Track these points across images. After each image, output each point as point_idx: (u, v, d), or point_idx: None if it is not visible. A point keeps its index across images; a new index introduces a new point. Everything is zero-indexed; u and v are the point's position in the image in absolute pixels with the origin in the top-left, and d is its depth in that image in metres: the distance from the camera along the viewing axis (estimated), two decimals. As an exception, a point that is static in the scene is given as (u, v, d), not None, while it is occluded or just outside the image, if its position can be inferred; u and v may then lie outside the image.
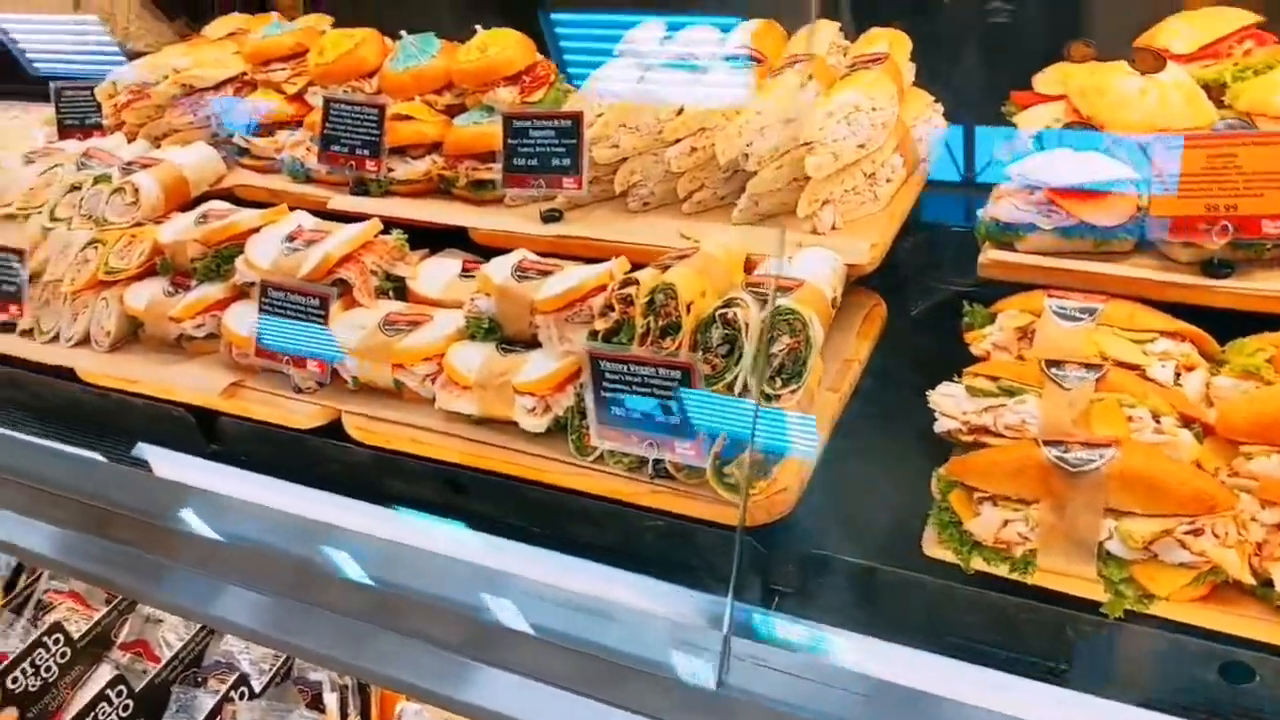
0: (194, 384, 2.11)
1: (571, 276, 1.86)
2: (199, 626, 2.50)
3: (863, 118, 1.89)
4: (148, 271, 2.32)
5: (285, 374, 2.07)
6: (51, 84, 2.97)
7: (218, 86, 2.69)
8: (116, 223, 2.41)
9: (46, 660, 2.37)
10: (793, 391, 1.55)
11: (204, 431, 2.13)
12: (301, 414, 2.00)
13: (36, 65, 4.46)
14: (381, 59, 2.52)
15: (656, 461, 1.64)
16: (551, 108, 2.30)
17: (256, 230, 2.23)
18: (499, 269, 1.94)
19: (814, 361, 1.57)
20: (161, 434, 2.17)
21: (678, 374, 1.54)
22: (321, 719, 2.10)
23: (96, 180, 2.48)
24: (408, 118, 2.39)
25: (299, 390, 2.06)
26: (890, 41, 2.11)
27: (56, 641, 2.40)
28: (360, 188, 2.44)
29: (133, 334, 2.32)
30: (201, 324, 2.19)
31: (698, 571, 1.56)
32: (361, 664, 1.89)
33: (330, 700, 2.12)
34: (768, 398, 1.56)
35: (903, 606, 1.44)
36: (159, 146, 2.72)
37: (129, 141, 2.75)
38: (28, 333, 2.39)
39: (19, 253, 2.38)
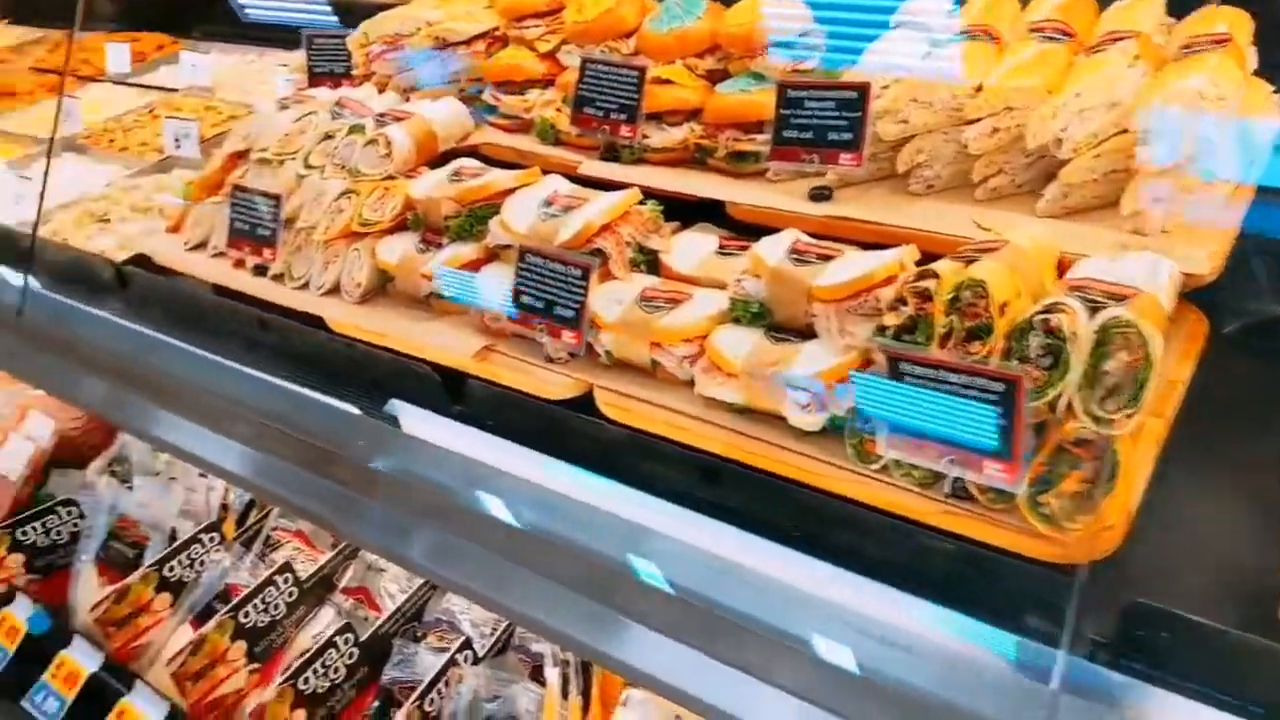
0: (445, 344, 2.08)
1: (857, 264, 1.71)
2: (422, 581, 2.51)
3: (1207, 107, 1.66)
4: (399, 225, 2.31)
5: (537, 341, 2.01)
6: (303, 31, 3.01)
7: (469, 41, 2.65)
8: (369, 174, 2.40)
9: (276, 598, 2.42)
10: (1128, 416, 1.37)
11: (449, 392, 2.10)
12: (554, 384, 1.93)
13: (247, 11, 4.61)
14: (640, 18, 2.42)
15: (955, 479, 1.49)
16: (822, 78, 2.15)
17: (511, 191, 2.18)
18: (772, 250, 1.81)
19: (1153, 384, 1.38)
20: (404, 389, 2.15)
21: (999, 385, 1.38)
22: (543, 693, 2.06)
23: (350, 130, 2.48)
24: (668, 82, 2.28)
25: (550, 360, 2.00)
26: (1230, 23, 1.85)
27: (286, 580, 2.46)
28: (611, 153, 2.36)
29: (381, 287, 2.31)
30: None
31: (990, 606, 1.40)
32: (601, 648, 1.83)
33: (551, 675, 2.08)
34: (1097, 421, 1.38)
35: (1252, 676, 1.25)
36: (407, 99, 2.71)
37: (379, 92, 2.75)
38: (278, 277, 2.43)
39: (276, 198, 2.41)
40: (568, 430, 1.94)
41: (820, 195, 2.04)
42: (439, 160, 2.48)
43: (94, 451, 3.18)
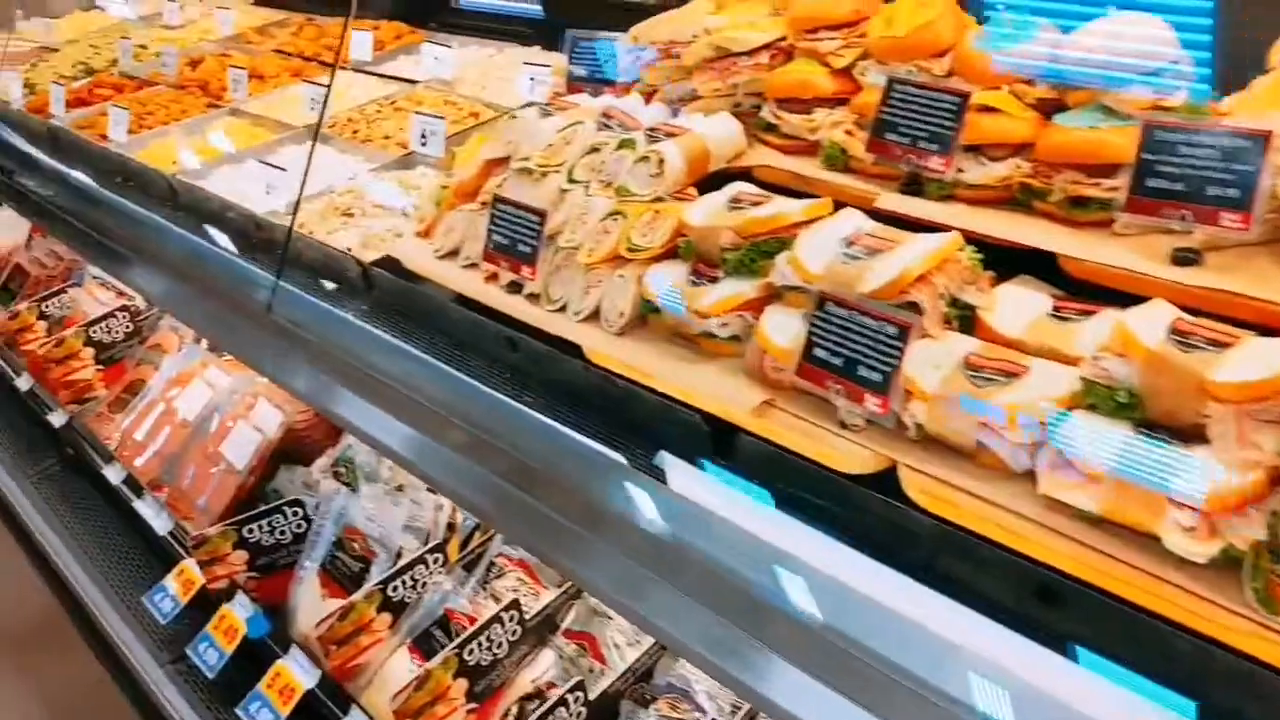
0: (720, 392, 1.86)
1: (1265, 356, 1.38)
2: (654, 641, 2.32)
3: None
4: (668, 253, 2.11)
5: (829, 402, 1.76)
6: (567, 32, 2.87)
7: (752, 52, 2.42)
8: (638, 193, 2.21)
9: (500, 636, 2.28)
10: None
11: (715, 443, 1.89)
12: (850, 455, 1.67)
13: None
14: (957, 36, 2.13)
15: None
16: (1189, 118, 1.81)
17: (800, 225, 1.94)
18: (1147, 326, 1.49)
19: None
20: (662, 433, 1.95)
21: None
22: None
23: (620, 145, 2.30)
24: (992, 110, 1.99)
25: (843, 425, 1.75)
26: None
27: (512, 618, 2.31)
28: (913, 186, 2.08)
29: (643, 318, 2.12)
30: (727, 323, 1.94)
31: None
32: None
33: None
34: None
35: None
36: (677, 113, 2.51)
37: (645, 103, 2.57)
38: (534, 297, 2.27)
39: (540, 214, 2.25)
40: (856, 509, 1.69)
41: (1186, 259, 1.70)
42: (708, 182, 2.27)
43: (318, 448, 3.15)
